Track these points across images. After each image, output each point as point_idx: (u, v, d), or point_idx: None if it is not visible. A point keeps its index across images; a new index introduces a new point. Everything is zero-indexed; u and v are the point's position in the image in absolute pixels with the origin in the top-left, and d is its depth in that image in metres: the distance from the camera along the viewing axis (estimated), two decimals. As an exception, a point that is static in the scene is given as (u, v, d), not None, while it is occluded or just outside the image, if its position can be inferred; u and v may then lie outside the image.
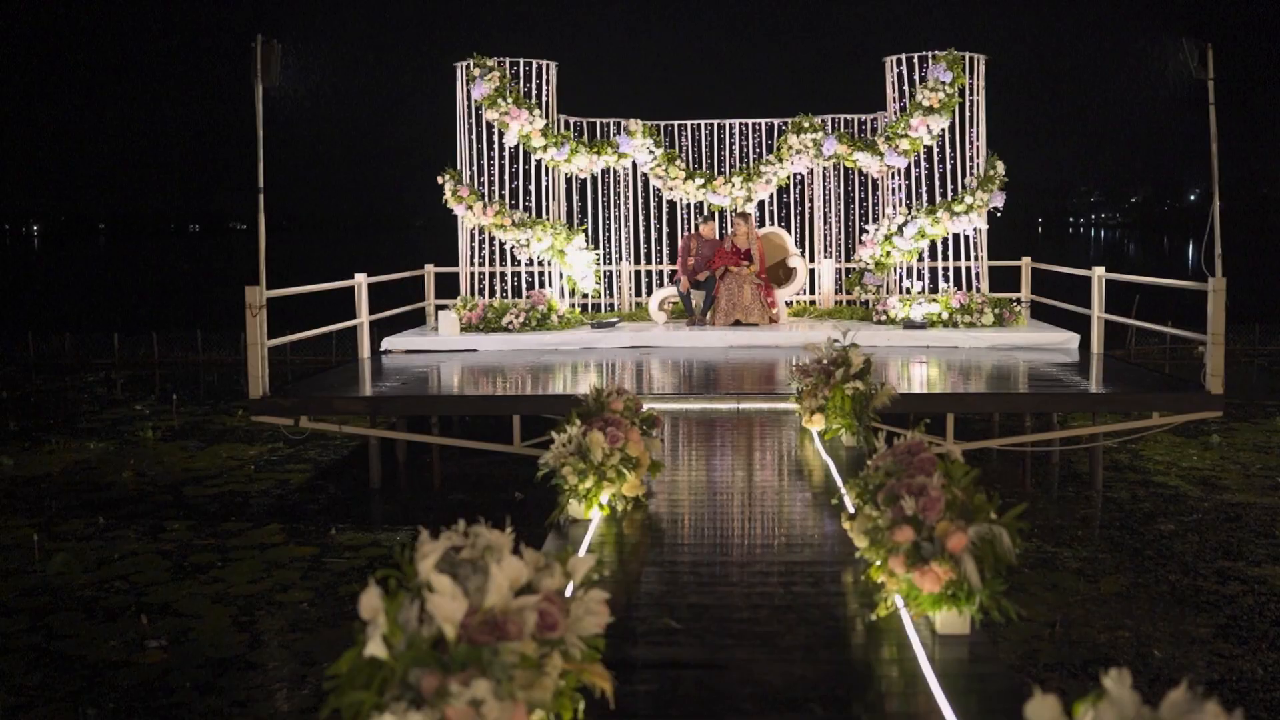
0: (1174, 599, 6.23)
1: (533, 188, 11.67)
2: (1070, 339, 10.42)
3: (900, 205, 11.59)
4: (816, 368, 6.49)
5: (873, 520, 3.77)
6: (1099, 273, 10.04)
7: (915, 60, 11.41)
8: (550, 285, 11.83)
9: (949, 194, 11.40)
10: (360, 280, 10.49)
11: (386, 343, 10.92)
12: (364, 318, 10.52)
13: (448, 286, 12.54)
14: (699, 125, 12.40)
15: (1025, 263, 12.17)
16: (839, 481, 5.45)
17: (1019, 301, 11.68)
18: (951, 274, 11.50)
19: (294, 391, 8.42)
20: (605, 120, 12.15)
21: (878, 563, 3.66)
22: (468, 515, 2.74)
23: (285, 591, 6.57)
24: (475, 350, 10.73)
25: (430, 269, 12.71)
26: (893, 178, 11.69)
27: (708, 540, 4.53)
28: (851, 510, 4.28)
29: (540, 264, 11.87)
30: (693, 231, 11.96)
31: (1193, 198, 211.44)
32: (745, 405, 7.68)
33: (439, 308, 12.36)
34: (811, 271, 12.36)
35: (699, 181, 12.11)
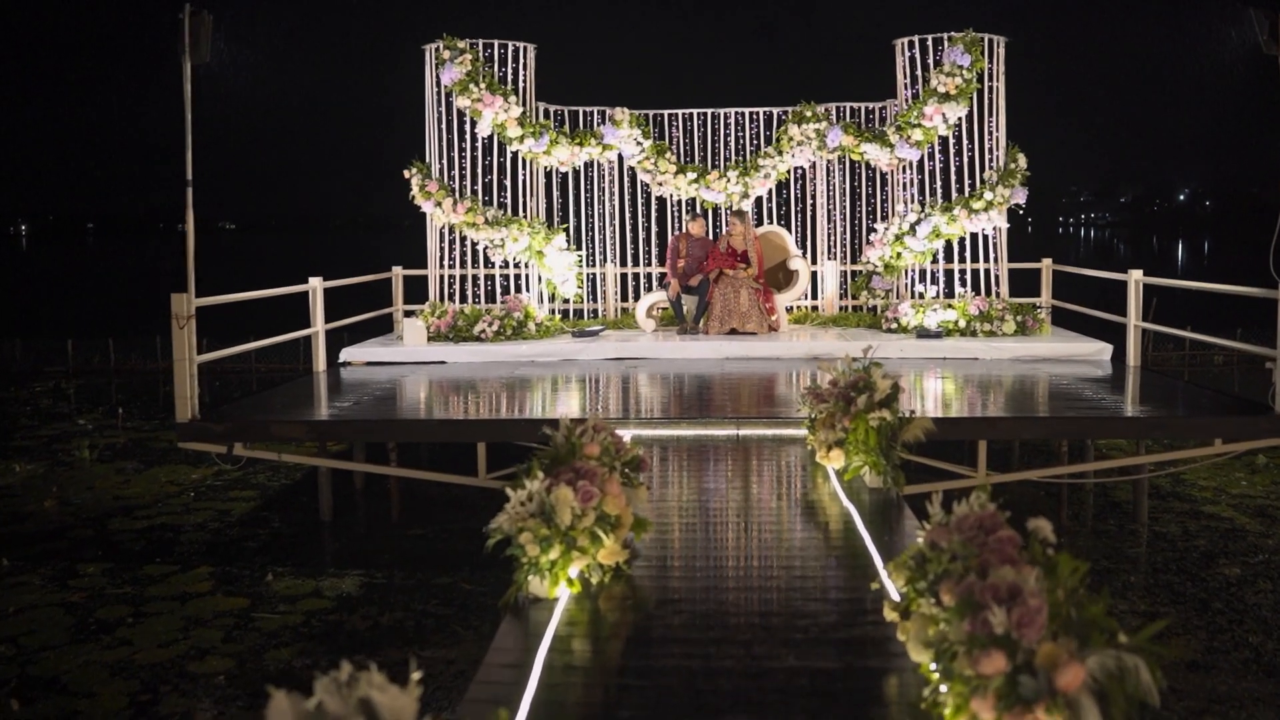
0: (1261, 670, 5.21)
1: (509, 183, 10.61)
2: (1102, 350, 9.43)
3: (912, 202, 10.59)
4: (832, 392, 5.46)
5: (935, 625, 2.75)
6: (1136, 276, 9.05)
7: (929, 42, 10.39)
8: (528, 290, 10.78)
9: (966, 189, 10.39)
10: (315, 285, 9.44)
11: (345, 354, 9.88)
12: (319, 326, 9.48)
13: (419, 290, 11.49)
14: (691, 115, 11.36)
15: (1046, 264, 11.19)
16: (866, 539, 4.42)
17: (1038, 307, 10.68)
18: (969, 277, 10.49)
19: (228, 414, 7.36)
20: (588, 109, 11.11)
21: (945, 686, 2.63)
22: (426, 557, 1.71)
23: (201, 659, 5.51)
24: (443, 362, 9.69)
25: (398, 271, 11.65)
26: (904, 172, 10.68)
27: (707, 632, 3.49)
28: (897, 596, 3.26)
29: (517, 266, 10.82)
30: (681, 231, 10.94)
31: (1182, 198, 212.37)
32: (745, 431, 6.65)
33: (407, 314, 11.32)
34: (814, 275, 11.32)
35: (691, 176, 11.08)
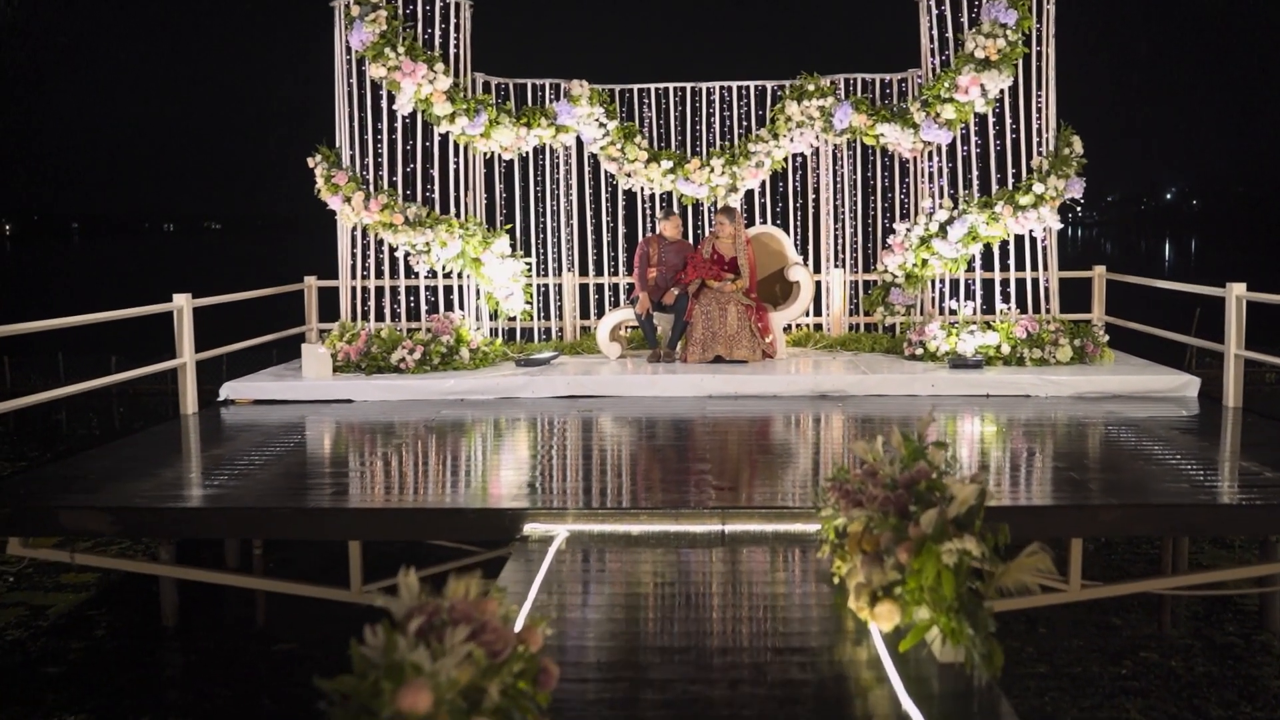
0: None
1: (436, 173, 8.54)
2: (1188, 383, 7.45)
3: (941, 196, 8.55)
4: (875, 494, 3.41)
5: None
6: (1238, 291, 7.07)
7: (962, -2, 8.36)
8: (462, 307, 8.70)
9: (1008, 180, 8.37)
10: (180, 303, 7.38)
11: (227, 389, 7.81)
12: (186, 356, 7.42)
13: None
14: (666, 90, 9.29)
15: (1099, 273, 9.19)
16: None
17: (1096, 326, 8.68)
18: (1013, 290, 8.47)
19: (11, 491, 5.25)
20: (539, 81, 9.04)
21: None
22: (290, 689, 0.24)
23: None
24: (350, 400, 7.63)
25: (312, 282, 9.55)
26: (930, 159, 8.64)
27: None
28: None
29: (449, 277, 8.75)
30: (653, 233, 8.88)
31: (1169, 196, 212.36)
32: (733, 527, 4.60)
33: (323, 334, 9.25)
34: (818, 286, 9.24)
35: (666, 165, 9.02)
